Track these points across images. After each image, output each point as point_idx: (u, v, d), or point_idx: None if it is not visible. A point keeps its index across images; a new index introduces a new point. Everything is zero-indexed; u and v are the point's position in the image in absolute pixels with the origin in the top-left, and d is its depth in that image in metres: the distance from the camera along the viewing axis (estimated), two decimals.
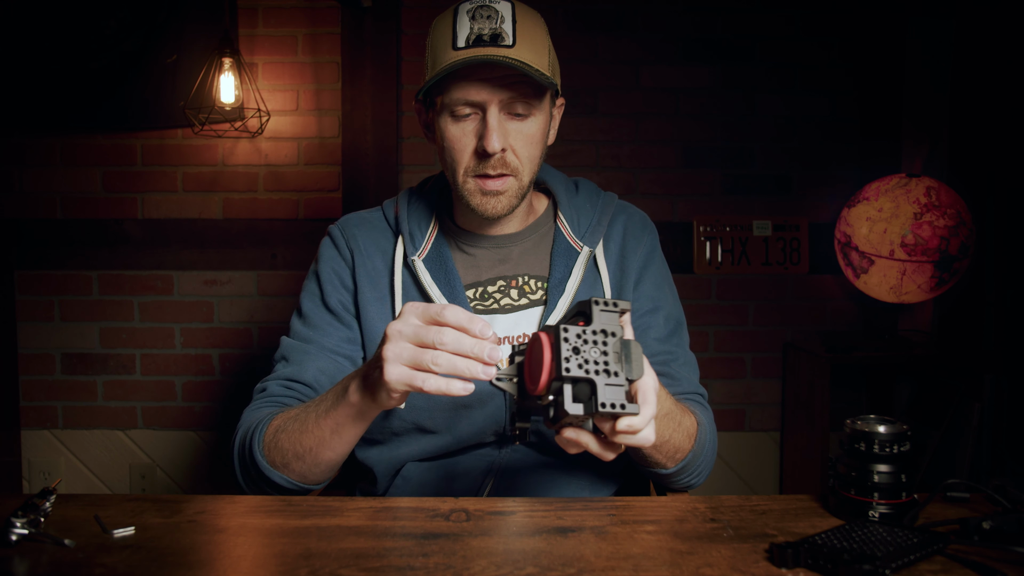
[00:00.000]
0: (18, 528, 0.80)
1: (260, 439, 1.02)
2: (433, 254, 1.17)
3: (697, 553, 0.79)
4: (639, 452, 1.01)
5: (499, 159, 1.07)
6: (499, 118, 1.06)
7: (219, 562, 0.78)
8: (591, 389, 0.74)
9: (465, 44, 1.04)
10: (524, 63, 1.03)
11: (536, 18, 1.10)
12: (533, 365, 0.79)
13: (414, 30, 2.39)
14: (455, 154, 1.09)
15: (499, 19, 1.05)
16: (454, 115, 1.07)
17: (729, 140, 2.43)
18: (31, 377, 2.45)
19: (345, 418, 0.95)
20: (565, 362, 0.74)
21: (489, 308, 1.17)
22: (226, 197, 2.41)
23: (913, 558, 0.74)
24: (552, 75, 1.09)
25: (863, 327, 2.47)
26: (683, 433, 1.02)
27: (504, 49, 1.03)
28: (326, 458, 0.99)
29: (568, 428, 0.79)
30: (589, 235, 1.19)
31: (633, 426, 0.76)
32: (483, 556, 0.78)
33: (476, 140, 1.07)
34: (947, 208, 2.10)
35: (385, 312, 1.16)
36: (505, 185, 1.09)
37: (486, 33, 1.04)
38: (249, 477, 1.05)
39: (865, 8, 2.40)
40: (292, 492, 1.04)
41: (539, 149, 1.12)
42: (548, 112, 1.13)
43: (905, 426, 0.87)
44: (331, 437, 0.97)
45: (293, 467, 1.00)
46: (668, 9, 2.40)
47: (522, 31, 1.05)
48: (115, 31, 2.29)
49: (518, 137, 1.08)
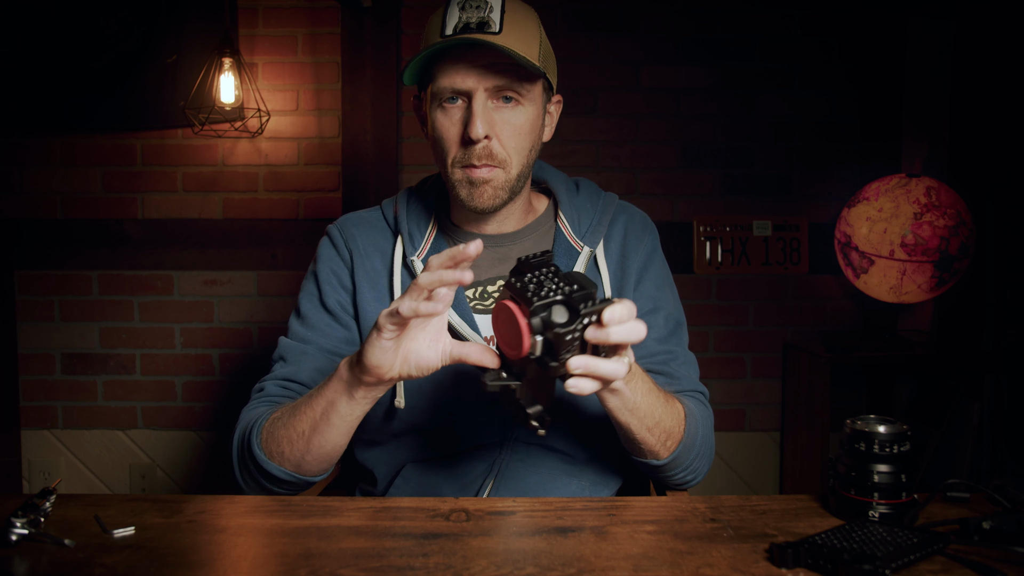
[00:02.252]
0: (18, 528, 0.80)
1: (258, 431, 1.02)
2: (432, 254, 1.17)
3: (697, 553, 0.79)
4: (634, 436, 1.01)
5: (484, 148, 1.06)
6: (485, 105, 1.06)
7: (219, 562, 0.78)
8: (566, 307, 0.79)
9: (452, 32, 1.04)
10: (510, 48, 1.02)
11: (527, 10, 1.10)
12: (506, 331, 0.82)
13: (414, 30, 2.39)
14: (443, 143, 1.09)
15: (487, 9, 1.05)
16: (442, 104, 1.08)
17: (729, 140, 2.43)
18: (31, 377, 2.45)
19: (336, 394, 0.95)
20: (534, 297, 0.78)
21: (488, 308, 1.16)
22: (226, 197, 2.41)
23: (913, 558, 0.74)
24: (544, 67, 1.09)
25: (863, 327, 2.47)
26: (672, 416, 1.03)
27: (490, 36, 1.03)
28: (319, 444, 0.98)
29: (571, 359, 0.80)
30: (590, 235, 1.19)
31: (617, 313, 0.80)
32: (483, 556, 0.78)
33: (462, 128, 1.07)
34: (947, 208, 2.10)
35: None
36: (491, 174, 1.08)
37: (473, 21, 1.04)
38: (247, 473, 1.04)
39: (865, 8, 2.40)
40: (289, 487, 1.03)
41: (528, 141, 1.10)
42: (540, 105, 1.12)
43: (905, 426, 0.87)
44: (322, 420, 0.97)
45: (288, 455, 1.00)
46: (668, 9, 2.40)
47: (510, 20, 1.05)
48: (115, 31, 2.29)
49: (504, 126, 1.07)
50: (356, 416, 0.98)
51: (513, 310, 0.79)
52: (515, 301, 0.80)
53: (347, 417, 0.97)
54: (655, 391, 1.00)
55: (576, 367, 0.81)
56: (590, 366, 0.81)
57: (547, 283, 0.80)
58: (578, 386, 0.82)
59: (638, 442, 1.02)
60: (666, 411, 1.02)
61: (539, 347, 0.79)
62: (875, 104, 2.42)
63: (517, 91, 1.07)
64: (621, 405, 0.96)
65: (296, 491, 1.06)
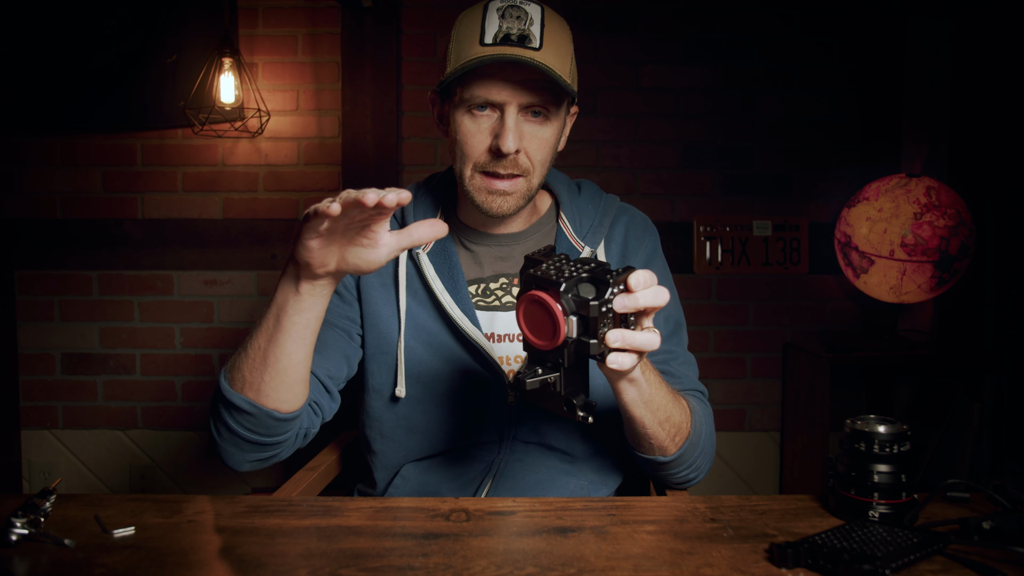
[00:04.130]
0: (18, 528, 0.80)
1: (227, 367, 1.01)
2: (438, 248, 1.18)
3: (697, 553, 0.79)
4: (646, 430, 1.00)
5: (512, 159, 1.07)
6: (517, 119, 1.06)
7: (219, 562, 0.78)
8: (592, 282, 0.81)
9: (493, 41, 1.03)
10: (550, 68, 1.03)
11: (563, 25, 1.10)
12: (538, 322, 0.82)
13: (414, 30, 2.39)
14: (467, 148, 1.09)
15: (528, 21, 1.05)
16: (472, 110, 1.07)
17: (729, 140, 2.43)
18: (31, 377, 2.45)
19: (283, 295, 0.94)
20: (560, 280, 0.80)
21: (491, 305, 1.17)
22: (226, 197, 2.41)
23: (913, 558, 0.74)
24: (572, 83, 1.09)
25: (863, 327, 2.47)
26: (681, 411, 1.03)
27: (531, 51, 1.03)
28: (275, 357, 0.96)
29: (608, 332, 0.81)
30: (591, 235, 1.19)
31: (640, 276, 0.81)
32: (483, 556, 0.78)
33: (491, 138, 1.07)
34: (947, 208, 2.10)
35: (388, 297, 1.17)
36: (515, 186, 1.09)
37: (514, 33, 1.04)
38: (218, 417, 1.01)
39: (865, 8, 2.40)
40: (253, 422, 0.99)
41: (551, 153, 1.12)
42: (563, 119, 1.13)
43: (905, 426, 0.87)
44: (275, 328, 0.95)
45: (248, 378, 0.97)
46: (668, 9, 2.40)
47: (549, 36, 1.05)
48: (115, 31, 2.29)
49: (533, 140, 1.08)
50: (307, 321, 0.95)
51: (543, 298, 0.80)
52: (542, 289, 0.81)
53: (297, 321, 0.94)
54: (665, 384, 1.01)
55: (614, 340, 0.81)
56: (627, 338, 0.82)
57: (565, 267, 0.82)
58: (618, 360, 0.82)
59: (649, 436, 1.02)
60: (675, 406, 1.02)
61: (575, 327, 0.80)
62: (875, 104, 2.42)
63: (548, 107, 1.07)
64: (638, 397, 0.96)
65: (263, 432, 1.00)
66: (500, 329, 1.16)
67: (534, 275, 0.82)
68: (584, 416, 0.84)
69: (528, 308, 0.82)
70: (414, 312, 1.16)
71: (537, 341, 0.83)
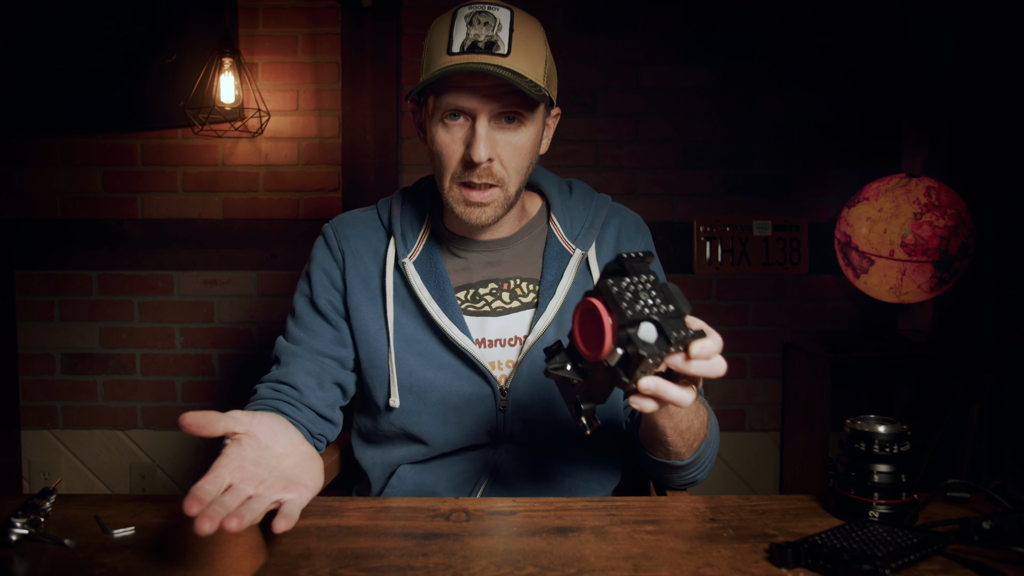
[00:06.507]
0: (18, 528, 0.80)
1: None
2: (424, 257, 1.17)
3: (697, 553, 0.79)
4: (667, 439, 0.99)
5: (485, 169, 1.06)
6: (488, 128, 1.05)
7: (219, 562, 0.78)
8: (656, 329, 0.74)
9: (460, 49, 1.03)
10: (516, 73, 1.02)
11: (535, 27, 1.09)
12: (589, 330, 0.77)
13: (414, 30, 2.38)
14: (443, 159, 1.08)
15: (496, 26, 1.04)
16: (444, 120, 1.07)
17: (729, 140, 2.43)
18: (31, 377, 2.45)
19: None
20: (628, 309, 0.73)
21: (480, 310, 1.17)
22: (226, 197, 2.41)
23: (913, 558, 0.74)
24: (547, 85, 1.08)
25: (863, 327, 2.47)
26: (699, 419, 1.02)
27: (498, 58, 1.02)
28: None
29: (644, 378, 0.77)
30: (582, 238, 1.18)
31: (707, 348, 0.76)
32: (483, 556, 0.78)
33: (464, 148, 1.06)
34: (947, 208, 2.10)
35: (376, 311, 1.16)
36: (490, 197, 1.08)
37: (482, 40, 1.03)
38: None
39: (865, 8, 2.40)
40: None
41: (527, 160, 1.11)
42: (540, 123, 1.11)
43: (905, 426, 0.87)
44: None
45: None
46: (668, 9, 2.39)
47: (519, 40, 1.04)
48: (115, 30, 2.28)
49: (506, 148, 1.07)
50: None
51: (603, 315, 0.75)
52: (607, 306, 0.75)
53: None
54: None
55: (646, 388, 0.77)
56: (661, 390, 0.77)
57: (643, 295, 0.76)
58: (640, 404, 0.79)
59: (668, 444, 1.01)
60: (696, 415, 1.01)
61: (617, 358, 0.75)
62: (875, 104, 2.42)
63: (520, 113, 1.06)
64: (665, 413, 0.96)
65: None
66: (491, 334, 1.15)
67: (610, 288, 0.75)
68: (584, 426, 0.83)
69: (587, 311, 0.78)
70: (403, 322, 1.15)
71: (579, 341, 0.80)
